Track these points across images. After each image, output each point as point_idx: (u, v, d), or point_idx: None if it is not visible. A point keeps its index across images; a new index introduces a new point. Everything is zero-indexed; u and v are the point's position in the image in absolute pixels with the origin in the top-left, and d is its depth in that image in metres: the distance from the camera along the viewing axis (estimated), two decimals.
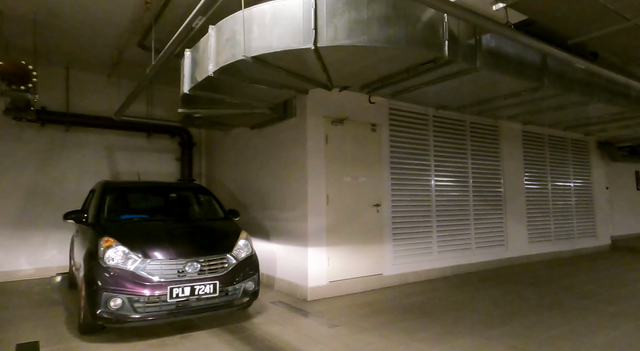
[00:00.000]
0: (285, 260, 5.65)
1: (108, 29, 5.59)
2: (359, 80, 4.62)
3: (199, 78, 4.02)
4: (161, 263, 3.81)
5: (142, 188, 5.52)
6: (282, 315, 4.49)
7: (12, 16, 5.12)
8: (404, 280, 6.08)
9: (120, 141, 7.77)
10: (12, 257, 6.60)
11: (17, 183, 6.76)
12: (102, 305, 3.54)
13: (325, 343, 3.58)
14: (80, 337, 3.74)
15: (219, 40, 3.65)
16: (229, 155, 7.67)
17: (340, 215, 5.47)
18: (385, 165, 6.07)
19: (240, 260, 4.27)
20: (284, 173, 5.73)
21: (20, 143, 6.79)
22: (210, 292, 3.91)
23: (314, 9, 3.18)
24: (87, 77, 7.34)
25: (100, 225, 4.25)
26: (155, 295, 3.67)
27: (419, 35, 3.36)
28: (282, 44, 3.27)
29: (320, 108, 5.36)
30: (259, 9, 3.38)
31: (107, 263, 3.71)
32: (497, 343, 3.52)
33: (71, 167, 7.24)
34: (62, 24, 5.43)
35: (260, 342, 3.63)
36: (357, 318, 4.29)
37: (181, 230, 4.51)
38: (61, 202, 7.00)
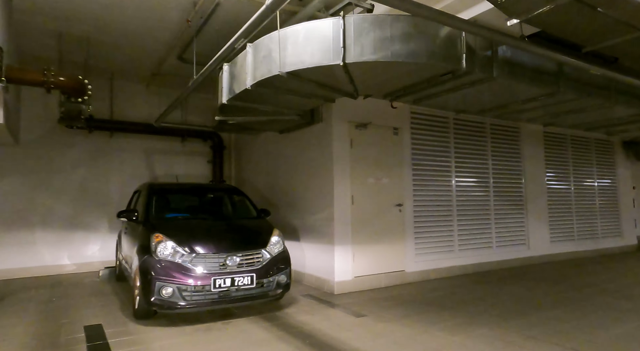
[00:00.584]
0: (313, 256, 6.03)
1: (151, 44, 6.13)
2: (383, 89, 4.95)
3: (237, 90, 4.45)
4: (205, 257, 4.26)
5: (183, 189, 6.04)
6: (311, 306, 4.88)
7: (70, 36, 5.73)
8: (426, 276, 6.36)
9: (158, 145, 8.36)
10: (63, 251, 7.25)
11: (68, 184, 7.42)
12: (156, 293, 4.02)
13: (352, 330, 3.94)
14: (135, 321, 4.23)
15: (256, 56, 4.07)
16: (257, 157, 8.14)
17: (364, 215, 5.81)
18: (407, 167, 6.37)
19: (274, 255, 4.69)
20: (311, 175, 6.12)
21: (71, 148, 7.45)
22: (248, 283, 4.34)
23: (342, 29, 3.54)
24: (129, 87, 7.95)
25: (150, 223, 4.76)
26: (200, 285, 4.12)
27: (438, 49, 3.67)
28: (314, 61, 3.66)
29: (345, 113, 5.72)
30: (292, 29, 3.77)
31: (158, 256, 4.19)
32: (514, 333, 3.79)
33: (114, 169, 7.87)
34: (111, 41, 6.00)
35: (294, 328, 4.02)
36: (381, 310, 4.63)
37: (220, 227, 4.98)
38: (105, 201, 7.65)
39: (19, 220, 6.93)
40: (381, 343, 3.56)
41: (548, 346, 3.43)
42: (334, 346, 3.50)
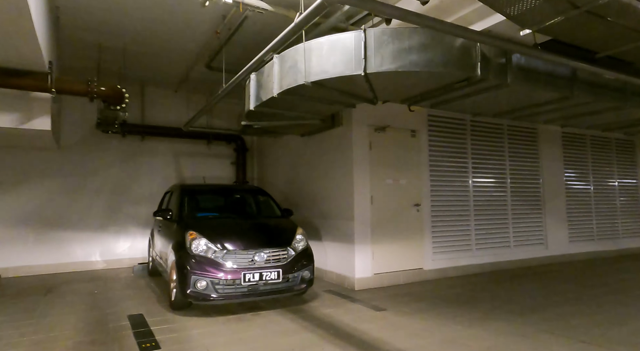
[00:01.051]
0: (334, 254, 6.31)
1: (181, 54, 6.52)
2: (401, 95, 5.19)
3: (264, 98, 4.77)
4: (235, 253, 4.60)
5: (211, 190, 6.41)
6: (333, 300, 5.16)
7: (108, 48, 6.18)
8: (444, 274, 6.55)
9: (185, 148, 8.80)
10: (97, 248, 7.74)
11: (102, 186, 7.91)
12: (191, 285, 4.38)
13: (373, 322, 4.20)
14: (173, 312, 4.61)
15: (282, 67, 4.37)
16: (279, 159, 8.47)
17: (383, 214, 6.05)
18: (425, 168, 6.58)
19: (298, 252, 4.99)
20: (332, 176, 6.40)
21: (106, 152, 7.95)
22: (275, 278, 4.65)
23: (363, 41, 3.81)
24: (158, 93, 8.41)
25: (183, 221, 5.13)
26: (231, 279, 4.46)
27: (453, 58, 3.90)
28: (337, 71, 3.94)
29: (364, 117, 5.97)
30: (317, 42, 4.06)
31: (193, 252, 4.55)
32: (528, 326, 3.98)
33: (144, 171, 8.34)
34: (145, 52, 6.43)
35: (318, 320, 4.31)
36: (400, 304, 4.88)
37: (248, 225, 5.32)
38: (136, 201, 8.12)
39: (60, 219, 7.45)
40: (400, 334, 3.81)
41: (560, 340, 3.62)
42: (356, 336, 3.77)
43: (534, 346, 3.48)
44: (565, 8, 3.24)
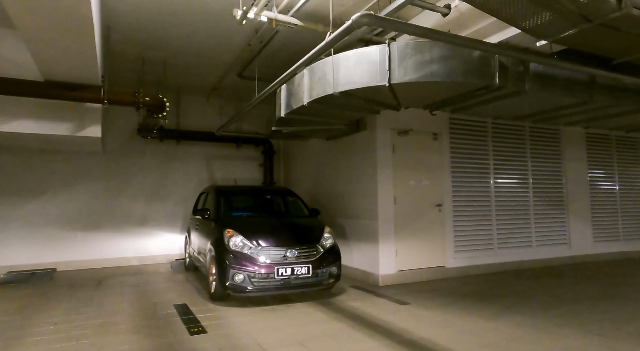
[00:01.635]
0: (358, 252, 6.64)
1: (215, 64, 7.00)
2: (423, 102, 5.47)
3: (294, 106, 5.16)
4: (269, 249, 5.00)
5: (244, 191, 6.86)
6: (359, 295, 5.49)
7: (150, 60, 6.72)
8: (465, 272, 6.77)
9: (216, 151, 9.31)
10: (136, 245, 8.32)
11: (142, 187, 8.51)
12: (230, 278, 4.81)
13: (397, 314, 4.51)
14: (212, 302, 5.05)
15: (312, 78, 4.75)
16: (305, 161, 8.86)
17: (406, 214, 6.34)
18: (446, 169, 6.82)
19: (326, 249, 5.35)
20: (357, 177, 6.73)
21: (144, 155, 8.54)
22: (305, 273, 5.03)
23: (388, 54, 4.13)
24: (192, 99, 8.95)
25: (221, 220, 5.58)
26: (265, 273, 4.86)
27: (472, 68, 4.16)
28: (363, 82, 4.28)
29: (387, 122, 6.27)
30: (344, 55, 4.41)
31: (231, 248, 4.99)
32: (546, 320, 4.20)
33: (179, 173, 8.89)
34: (182, 63, 6.94)
35: (346, 311, 4.66)
36: (422, 299, 5.17)
37: (279, 224, 5.72)
38: (173, 201, 8.68)
39: (104, 218, 8.09)
40: (423, 325, 4.11)
41: (576, 332, 3.83)
42: (382, 326, 4.10)
43: (550, 337, 3.71)
44: (577, 21, 3.46)
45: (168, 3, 4.90)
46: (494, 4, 3.18)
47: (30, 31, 3.83)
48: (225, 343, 3.62)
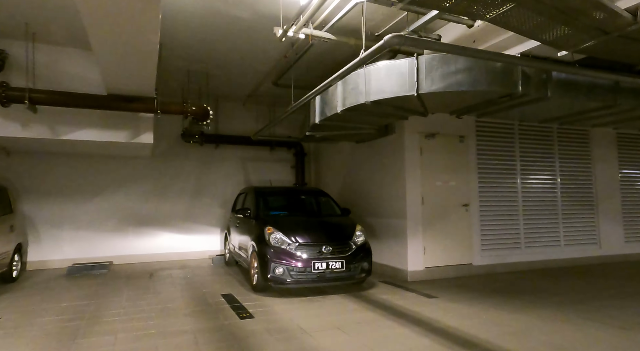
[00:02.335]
0: (388, 249, 7.00)
1: (252, 74, 7.55)
2: (449, 108, 5.79)
3: (328, 113, 5.60)
4: (306, 245, 5.46)
5: (280, 191, 7.37)
6: (388, 289, 5.87)
7: (194, 71, 7.34)
8: (492, 270, 7.01)
9: (251, 154, 9.89)
10: (178, 242, 9.00)
11: (184, 188, 9.20)
12: (271, 271, 5.31)
13: (426, 306, 4.86)
14: (255, 293, 5.57)
15: (345, 88, 5.17)
16: (335, 163, 9.29)
17: (433, 213, 6.65)
18: (473, 170, 7.07)
19: (358, 245, 5.76)
20: (385, 179, 7.09)
21: (186, 159, 9.23)
22: (339, 267, 5.46)
23: (416, 66, 4.50)
24: (229, 106, 9.56)
25: (261, 218, 6.10)
26: (303, 267, 5.32)
27: (496, 77, 4.46)
28: (393, 91, 4.66)
29: (415, 126, 6.60)
30: (375, 67, 4.81)
31: (271, 244, 5.48)
32: (570, 314, 4.45)
33: (218, 174, 9.53)
34: (223, 73, 7.54)
35: (377, 302, 5.05)
36: (449, 294, 5.49)
37: (314, 222, 6.18)
38: (212, 201, 9.33)
39: (151, 216, 8.81)
40: (450, 316, 4.45)
41: (599, 325, 4.07)
42: (411, 315, 4.47)
43: (572, 328, 3.98)
44: (595, 34, 3.72)
45: (213, 23, 5.45)
46: (514, 22, 3.49)
47: (105, 54, 4.46)
48: (272, 326, 4.10)
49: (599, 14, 3.34)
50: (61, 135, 6.07)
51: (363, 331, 3.94)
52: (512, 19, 3.46)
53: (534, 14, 3.32)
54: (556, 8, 3.23)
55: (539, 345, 3.53)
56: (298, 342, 3.65)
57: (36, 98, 5.48)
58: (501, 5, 3.16)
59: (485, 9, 3.21)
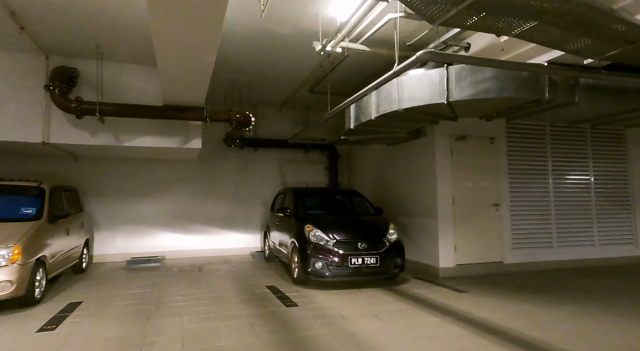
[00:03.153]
0: (419, 247, 7.32)
1: (290, 82, 8.07)
2: (478, 113, 6.06)
3: (363, 119, 6.01)
4: (343, 242, 5.91)
5: (316, 192, 7.85)
6: (420, 284, 6.21)
7: (237, 81, 7.96)
8: (523, 268, 7.18)
9: (287, 156, 10.44)
10: (224, 238, 9.67)
11: (226, 188, 9.86)
12: (311, 265, 5.79)
13: (457, 300, 5.19)
14: (296, 285, 6.07)
15: (379, 97, 5.57)
16: (367, 165, 9.68)
17: (464, 213, 6.92)
18: (504, 171, 7.26)
19: (391, 243, 6.15)
20: (417, 180, 7.41)
21: (228, 161, 9.89)
22: (374, 263, 5.86)
23: (446, 76, 4.83)
24: (266, 111, 10.14)
25: (300, 217, 6.60)
26: (340, 261, 5.77)
27: (523, 85, 4.71)
28: (424, 99, 5.01)
29: (446, 129, 6.89)
30: (407, 76, 5.18)
31: (311, 240, 5.96)
32: (597, 309, 4.65)
33: (256, 176, 10.14)
34: (262, 83, 8.11)
35: (409, 296, 5.42)
36: (480, 289, 5.77)
37: (350, 221, 6.62)
38: (251, 200, 9.94)
39: (196, 215, 9.52)
40: (479, 308, 4.77)
41: (625, 320, 4.27)
42: (442, 307, 4.82)
43: (598, 321, 4.20)
44: (619, 44, 3.93)
45: (258, 39, 5.98)
46: (538, 36, 3.78)
47: (167, 71, 5.09)
48: (315, 313, 4.57)
49: (620, 26, 3.57)
50: (123, 142, 6.81)
51: (397, 319, 4.34)
52: (536, 34, 3.75)
53: (557, 29, 3.60)
54: (577, 23, 3.50)
55: (563, 335, 3.81)
56: (339, 326, 4.10)
57: (104, 111, 6.23)
58: (524, 24, 3.48)
59: (509, 26, 3.53)
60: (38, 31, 5.57)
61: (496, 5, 3.17)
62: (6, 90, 6.19)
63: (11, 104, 6.20)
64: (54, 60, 6.38)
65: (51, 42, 5.95)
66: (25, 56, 6.28)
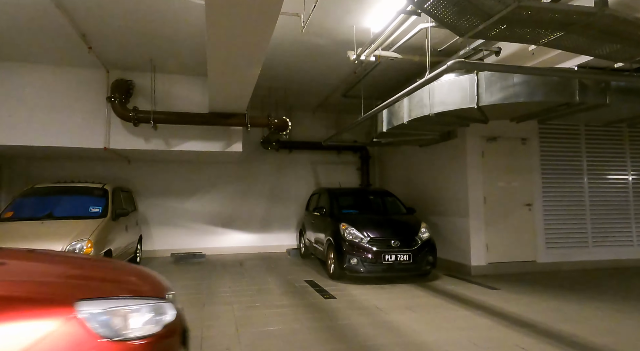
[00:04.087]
0: (450, 245, 7.52)
1: (324, 87, 8.46)
2: (508, 116, 6.20)
3: (395, 123, 6.31)
4: (376, 239, 6.23)
5: (350, 192, 8.21)
6: (452, 281, 6.43)
7: (274, 88, 8.45)
8: (558, 267, 7.23)
9: (320, 158, 10.85)
10: (260, 236, 10.20)
11: (263, 189, 10.40)
12: (347, 261, 6.15)
13: (488, 295, 5.39)
14: (332, 280, 6.45)
15: (411, 102, 5.85)
16: (398, 165, 9.93)
17: (496, 212, 7.06)
18: (536, 171, 7.34)
19: (423, 241, 6.41)
20: (448, 180, 7.61)
21: (264, 163, 10.42)
22: (407, 260, 6.15)
23: (476, 81, 5.06)
24: (301, 114, 10.59)
25: (335, 216, 6.98)
26: (374, 258, 6.10)
27: (553, 87, 4.86)
28: (455, 104, 5.26)
29: (477, 130, 7.05)
30: (439, 82, 5.43)
31: (346, 238, 6.32)
32: (628, 307, 4.74)
33: (291, 177, 10.61)
34: (297, 89, 8.55)
35: (441, 291, 5.67)
36: (511, 286, 5.93)
37: (383, 219, 6.93)
38: (286, 200, 10.42)
39: (235, 215, 10.10)
40: (510, 304, 4.96)
41: None
42: (474, 302, 5.05)
43: (629, 318, 4.32)
44: None
45: (296, 49, 6.40)
46: (566, 44, 3.96)
47: (216, 82, 5.61)
48: (352, 305, 4.94)
49: None
50: (173, 147, 7.44)
51: (430, 312, 4.63)
52: (564, 42, 3.93)
53: (584, 37, 3.78)
54: (604, 31, 3.67)
55: (592, 329, 3.98)
56: (375, 317, 4.44)
57: (157, 118, 6.87)
58: (551, 34, 3.68)
59: (536, 37, 3.74)
60: (102, 49, 6.25)
61: (522, 19, 3.41)
62: (73, 102, 6.94)
63: (77, 114, 6.95)
64: (114, 74, 7.09)
65: (112, 58, 6.64)
66: (89, 71, 7.02)
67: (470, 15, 3.42)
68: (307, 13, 4.98)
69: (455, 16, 3.50)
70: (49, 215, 5.73)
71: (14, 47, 6.17)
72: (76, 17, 5.22)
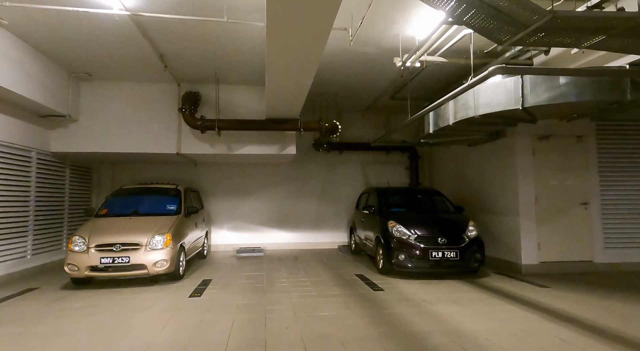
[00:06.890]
0: (500, 243, 7.54)
1: (372, 91, 8.82)
2: (557, 115, 6.17)
3: (441, 125, 6.53)
4: (424, 237, 6.50)
5: (398, 191, 8.49)
6: (501, 278, 6.52)
7: (325, 93, 8.96)
8: (617, 268, 7.00)
9: (369, 158, 11.21)
10: (312, 233, 10.76)
11: (314, 189, 10.96)
12: (395, 257, 6.49)
13: (536, 293, 5.47)
14: (381, 275, 6.81)
15: (456, 105, 6.05)
16: (447, 164, 10.00)
17: (548, 211, 7.00)
18: (593, 169, 7.15)
19: (471, 238, 6.56)
20: (498, 179, 7.63)
21: (316, 164, 10.98)
22: (454, 256, 6.36)
23: (521, 83, 5.17)
24: (350, 116, 11.02)
25: (384, 214, 7.33)
26: (421, 255, 6.37)
27: (603, 86, 4.84)
28: (500, 105, 5.40)
29: (526, 129, 7.03)
30: (483, 85, 5.59)
31: (394, 235, 6.66)
32: None
33: (342, 177, 11.07)
34: (347, 93, 8.99)
35: (489, 288, 5.82)
36: (563, 285, 5.92)
37: (430, 218, 7.16)
38: (337, 199, 10.89)
39: (289, 211, 10.76)
40: (559, 301, 5.03)
41: None
42: (520, 298, 5.18)
43: None
44: None
45: (345, 58, 6.84)
46: (609, 45, 4.02)
47: (273, 91, 6.22)
48: (399, 297, 5.29)
49: None
50: (234, 151, 8.22)
51: (475, 305, 4.86)
52: (607, 43, 4.00)
53: (627, 38, 3.83)
54: None
55: None
56: (421, 307, 4.77)
57: (221, 126, 7.67)
58: (592, 38, 3.79)
59: (577, 41, 3.86)
60: (175, 66, 7.14)
61: (559, 27, 3.58)
62: (151, 113, 7.95)
63: (154, 124, 7.94)
64: (183, 87, 8.01)
65: (182, 73, 7.53)
66: (163, 86, 7.99)
67: (507, 26, 3.65)
68: (354, 27, 5.41)
69: (493, 27, 3.74)
70: (135, 212, 6.69)
71: (106, 69, 7.25)
72: (156, 42, 6.08)
